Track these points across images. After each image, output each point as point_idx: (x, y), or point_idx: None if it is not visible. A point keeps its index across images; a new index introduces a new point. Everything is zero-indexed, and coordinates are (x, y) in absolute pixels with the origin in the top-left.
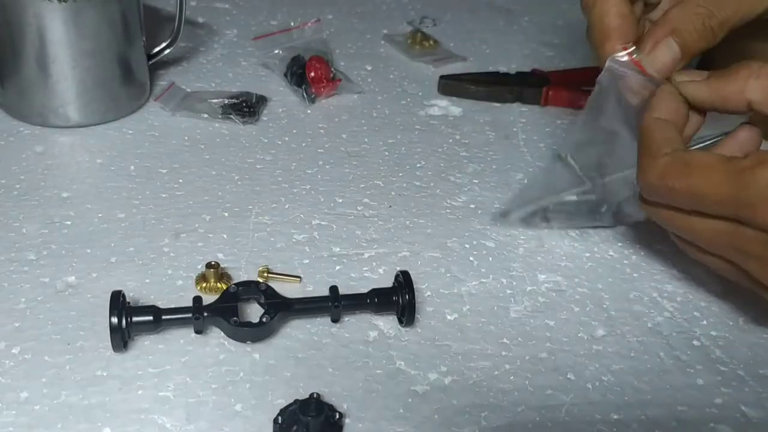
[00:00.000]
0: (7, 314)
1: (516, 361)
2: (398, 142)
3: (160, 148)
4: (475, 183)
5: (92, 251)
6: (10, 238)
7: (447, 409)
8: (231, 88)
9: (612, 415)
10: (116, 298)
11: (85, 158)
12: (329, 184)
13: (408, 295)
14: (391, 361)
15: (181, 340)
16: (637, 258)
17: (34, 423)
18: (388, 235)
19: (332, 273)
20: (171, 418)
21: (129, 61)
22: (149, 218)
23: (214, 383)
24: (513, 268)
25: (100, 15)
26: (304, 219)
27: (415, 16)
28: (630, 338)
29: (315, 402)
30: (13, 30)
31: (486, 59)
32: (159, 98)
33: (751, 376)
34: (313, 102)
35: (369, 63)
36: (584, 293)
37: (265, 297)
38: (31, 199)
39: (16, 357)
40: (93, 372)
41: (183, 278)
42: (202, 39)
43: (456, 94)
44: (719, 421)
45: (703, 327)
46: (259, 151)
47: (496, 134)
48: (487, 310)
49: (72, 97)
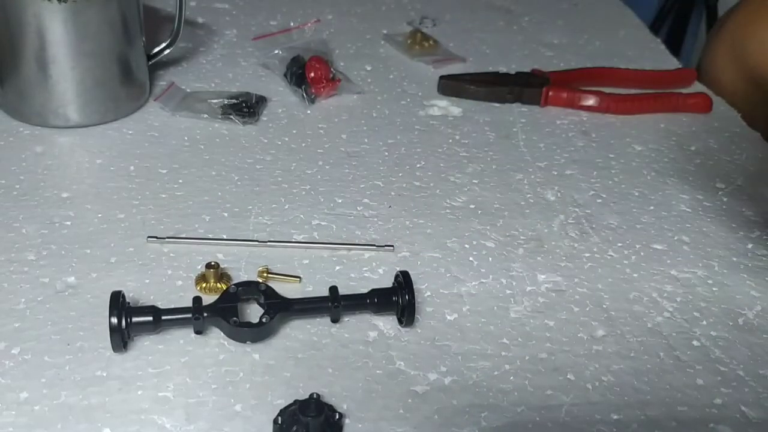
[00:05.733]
0: (7, 314)
1: (516, 361)
2: (398, 142)
3: (160, 148)
4: (475, 183)
5: (92, 251)
6: (10, 238)
7: (447, 409)
8: (231, 88)
9: (612, 415)
10: (116, 298)
11: (85, 158)
12: (329, 184)
13: (408, 296)
14: (391, 361)
15: (180, 341)
16: (637, 258)
17: (34, 423)
18: (388, 235)
19: (332, 273)
20: (171, 419)
21: (129, 61)
22: (149, 218)
23: (214, 383)
24: (513, 268)
25: (100, 15)
26: (304, 219)
27: (415, 16)
28: (630, 338)
29: (315, 402)
30: (13, 30)
31: (486, 59)
32: (159, 98)
33: (751, 376)
34: (313, 102)
35: (369, 63)
36: (584, 293)
37: (264, 297)
38: (31, 199)
39: (16, 357)
40: (93, 372)
41: (183, 278)
42: (202, 39)
43: (456, 94)
44: (719, 421)
45: (703, 327)
46: (259, 151)
47: (496, 134)
48: (487, 310)
49: (72, 97)
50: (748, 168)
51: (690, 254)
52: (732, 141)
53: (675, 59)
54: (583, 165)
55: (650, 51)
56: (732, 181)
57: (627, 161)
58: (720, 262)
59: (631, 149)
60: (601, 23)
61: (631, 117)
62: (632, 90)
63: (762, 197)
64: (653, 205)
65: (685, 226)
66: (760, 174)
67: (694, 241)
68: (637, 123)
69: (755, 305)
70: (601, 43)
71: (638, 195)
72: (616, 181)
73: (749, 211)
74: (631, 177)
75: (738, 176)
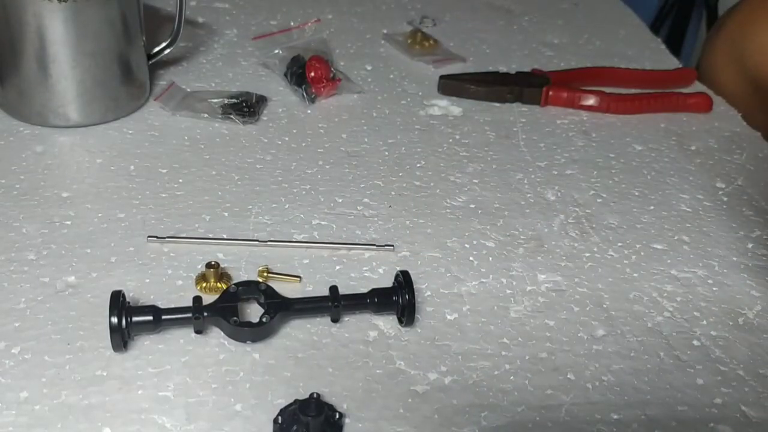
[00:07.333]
0: (7, 314)
1: (516, 361)
2: (398, 142)
3: (160, 148)
4: (475, 183)
5: (92, 251)
6: (10, 238)
7: (447, 409)
8: (231, 88)
9: (612, 415)
10: (116, 298)
11: (85, 158)
12: (329, 184)
13: (408, 295)
14: (391, 361)
15: (181, 340)
16: (637, 258)
17: (34, 423)
18: (388, 235)
19: (332, 273)
20: (171, 418)
21: (129, 61)
22: (149, 218)
23: (214, 383)
24: (513, 268)
25: (100, 15)
26: (304, 219)
27: (415, 16)
28: (630, 338)
29: (315, 402)
30: (13, 30)
31: (486, 59)
32: (159, 98)
33: (751, 376)
34: (313, 102)
35: (369, 63)
36: (584, 293)
37: (265, 297)
38: (31, 199)
39: (16, 357)
40: (93, 372)
41: (183, 278)
42: (202, 39)
43: (456, 94)
44: (719, 421)
45: (703, 327)
46: (259, 151)
47: (496, 134)
48: (487, 310)
49: (72, 97)
50: (748, 168)
51: (690, 254)
52: (732, 141)
53: (675, 59)
54: (583, 165)
55: (650, 51)
56: (732, 181)
57: (627, 161)
58: (720, 262)
59: (631, 149)
60: (601, 23)
61: (631, 117)
62: (632, 90)
63: (762, 197)
64: (653, 205)
65: (685, 226)
66: (760, 174)
67: (694, 240)
68: (637, 123)
69: (755, 305)
70: (601, 43)
71: (638, 195)
72: (616, 181)
73: (749, 211)
74: (631, 177)
75: (738, 176)
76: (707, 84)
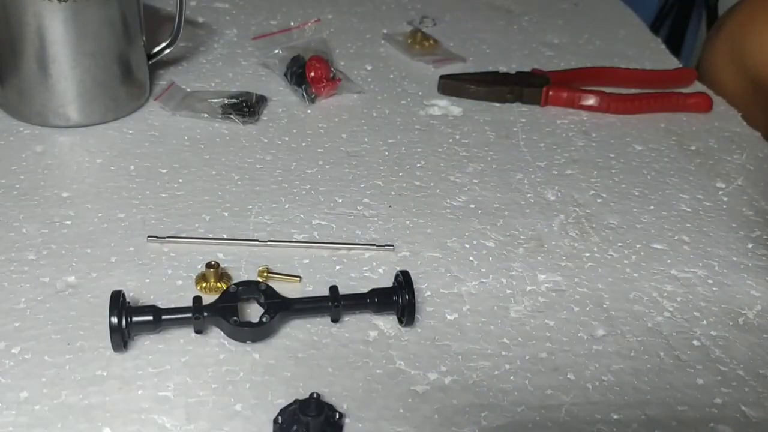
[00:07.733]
0: (7, 314)
1: (516, 361)
2: (398, 142)
3: (160, 148)
4: (475, 183)
5: (92, 251)
6: (10, 238)
7: (447, 409)
8: (231, 88)
9: (612, 415)
10: (116, 298)
11: (85, 158)
12: (329, 184)
13: (408, 295)
14: (391, 360)
15: (181, 340)
16: (637, 258)
17: (34, 423)
18: (388, 235)
19: (332, 273)
20: (171, 418)
21: (129, 61)
22: (149, 218)
23: (214, 383)
24: (513, 268)
25: (100, 15)
26: (304, 219)
27: (415, 16)
28: (630, 338)
29: (315, 402)
30: (13, 30)
31: (486, 59)
32: (159, 98)
33: (751, 376)
34: (313, 102)
35: (369, 63)
36: (584, 293)
37: (265, 297)
38: (31, 199)
39: (16, 357)
40: (93, 372)
41: (183, 278)
42: (202, 39)
43: (456, 94)
44: (719, 421)
45: (703, 327)
46: (259, 151)
47: (496, 134)
48: (487, 310)
49: (72, 97)
50: (748, 168)
51: (690, 254)
52: (732, 141)
53: (675, 59)
54: (583, 165)
55: (650, 51)
56: (732, 181)
57: (627, 161)
58: (720, 262)
59: (631, 149)
60: (601, 23)
61: (631, 117)
62: (632, 90)
63: (762, 197)
64: (653, 205)
65: (685, 226)
66: (760, 174)
67: (694, 240)
68: (637, 123)
69: (755, 305)
70: (601, 43)
71: (638, 195)
72: (616, 181)
73: (749, 211)
74: (631, 177)
75: (738, 176)
76: (707, 84)
